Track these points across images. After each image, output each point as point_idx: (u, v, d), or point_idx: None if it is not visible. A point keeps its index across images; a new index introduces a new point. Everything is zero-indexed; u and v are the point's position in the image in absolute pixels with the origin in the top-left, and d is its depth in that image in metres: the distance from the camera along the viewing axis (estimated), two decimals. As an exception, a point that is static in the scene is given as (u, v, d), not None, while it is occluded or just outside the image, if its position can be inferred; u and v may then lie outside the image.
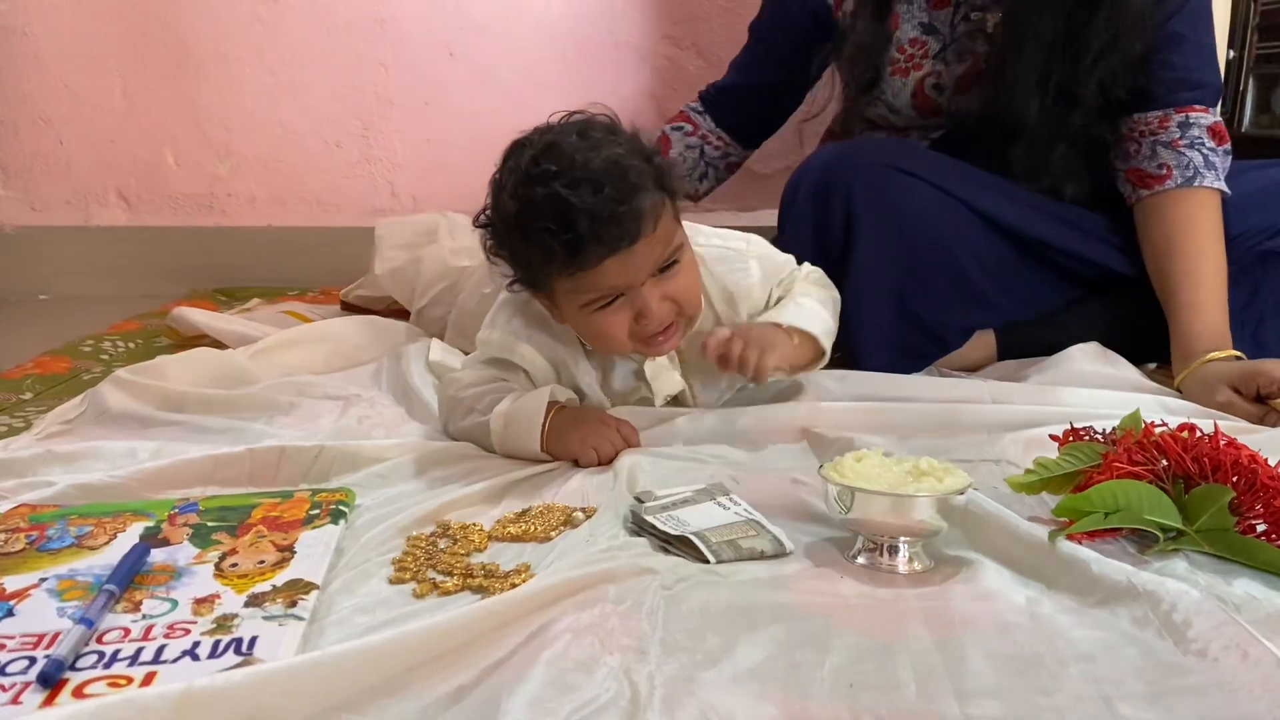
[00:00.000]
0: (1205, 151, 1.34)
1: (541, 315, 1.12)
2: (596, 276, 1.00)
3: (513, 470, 1.00)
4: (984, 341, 1.43)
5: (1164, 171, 1.35)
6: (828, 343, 1.17)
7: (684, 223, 1.09)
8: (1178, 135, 1.35)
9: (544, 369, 1.13)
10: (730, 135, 1.72)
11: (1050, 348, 1.38)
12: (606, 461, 1.03)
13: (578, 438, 1.04)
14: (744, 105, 1.70)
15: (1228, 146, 1.37)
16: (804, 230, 1.36)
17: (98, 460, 1.05)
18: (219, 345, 1.56)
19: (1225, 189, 1.35)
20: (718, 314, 1.16)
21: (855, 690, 0.61)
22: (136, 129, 2.28)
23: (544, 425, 1.04)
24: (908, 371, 1.34)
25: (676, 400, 1.18)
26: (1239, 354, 1.25)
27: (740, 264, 1.17)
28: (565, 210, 0.97)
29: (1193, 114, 1.35)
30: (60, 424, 1.19)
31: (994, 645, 0.66)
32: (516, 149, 1.03)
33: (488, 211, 1.06)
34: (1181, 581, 0.72)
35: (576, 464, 1.04)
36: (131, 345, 1.68)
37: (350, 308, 1.86)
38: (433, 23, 2.23)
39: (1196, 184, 1.33)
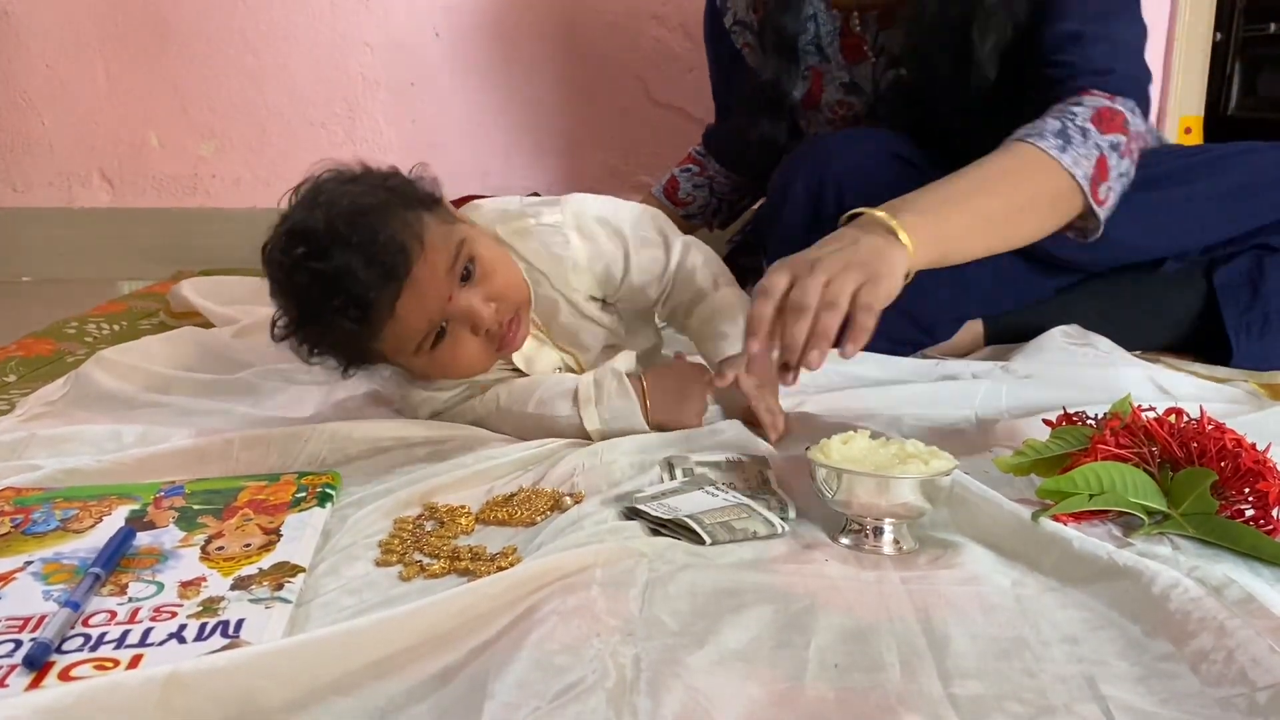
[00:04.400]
0: (1069, 123, 1.16)
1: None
2: (404, 320, 0.98)
3: (500, 454, 0.99)
4: (970, 328, 1.43)
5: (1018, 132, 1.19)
6: None
7: (488, 207, 1.08)
8: (1060, 108, 1.20)
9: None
10: (736, 173, 1.71)
11: (1036, 334, 1.38)
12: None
13: (693, 411, 1.07)
14: (734, 149, 1.68)
15: (1119, 145, 1.18)
16: (796, 224, 1.34)
17: (82, 443, 1.04)
18: (209, 326, 1.56)
19: (1062, 161, 1.14)
20: (555, 288, 1.12)
21: (840, 671, 0.62)
22: (119, 110, 2.26)
23: (643, 404, 1.05)
24: None
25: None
26: (898, 225, 1.03)
27: (558, 238, 1.12)
28: (331, 280, 0.95)
29: (1089, 96, 1.20)
30: (43, 405, 1.18)
31: (978, 626, 0.67)
32: (266, 251, 1.01)
33: (279, 322, 1.02)
34: (1164, 563, 0.72)
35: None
36: (116, 327, 1.67)
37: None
38: (417, 2, 2.21)
39: (1028, 140, 1.15)
